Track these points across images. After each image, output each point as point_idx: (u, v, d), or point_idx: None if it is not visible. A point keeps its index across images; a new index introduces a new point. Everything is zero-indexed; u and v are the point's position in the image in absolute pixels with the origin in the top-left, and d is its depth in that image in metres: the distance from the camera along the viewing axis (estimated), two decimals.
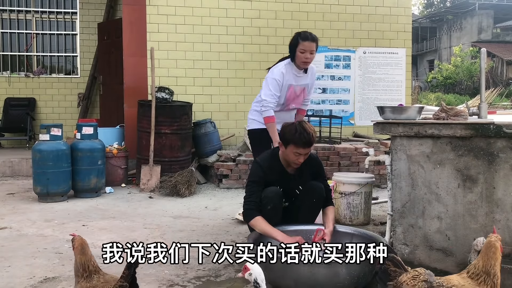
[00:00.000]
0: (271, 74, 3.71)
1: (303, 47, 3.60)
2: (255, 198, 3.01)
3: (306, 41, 3.60)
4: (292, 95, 3.79)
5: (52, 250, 3.46)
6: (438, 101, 20.17)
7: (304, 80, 3.82)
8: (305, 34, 3.66)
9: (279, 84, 3.67)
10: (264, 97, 3.66)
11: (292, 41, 3.66)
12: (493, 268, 1.99)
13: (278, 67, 3.73)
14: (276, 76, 3.66)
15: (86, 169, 5.40)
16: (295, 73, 3.74)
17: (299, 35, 3.65)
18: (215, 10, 7.03)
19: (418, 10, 44.97)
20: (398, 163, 2.97)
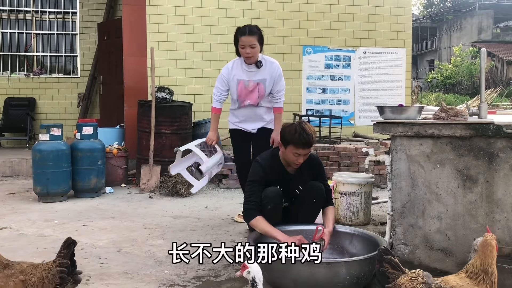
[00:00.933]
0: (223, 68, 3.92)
1: (242, 43, 3.65)
2: (256, 198, 3.01)
3: (243, 36, 3.65)
4: (243, 91, 3.82)
5: (52, 250, 3.45)
6: (438, 101, 20.17)
7: (259, 75, 3.80)
8: (243, 29, 3.68)
9: (224, 79, 3.82)
10: (214, 89, 3.95)
11: (234, 37, 3.76)
12: (491, 266, 1.99)
13: (227, 63, 3.90)
14: (222, 71, 3.87)
15: (86, 169, 5.39)
16: (245, 68, 3.79)
17: (238, 30, 3.71)
18: (215, 10, 7.03)
19: (418, 10, 44.98)
20: (398, 163, 2.97)
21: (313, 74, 7.44)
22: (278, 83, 3.89)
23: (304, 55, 7.38)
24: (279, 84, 3.90)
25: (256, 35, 3.64)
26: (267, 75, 3.80)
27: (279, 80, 3.88)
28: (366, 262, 2.58)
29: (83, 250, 3.45)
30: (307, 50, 7.38)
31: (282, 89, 3.94)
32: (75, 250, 2.17)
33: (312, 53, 7.40)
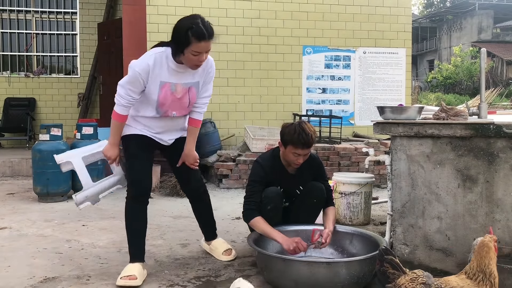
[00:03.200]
0: (134, 62, 2.70)
1: (199, 49, 2.61)
2: (256, 198, 3.01)
3: (204, 41, 2.61)
4: (168, 98, 2.76)
5: (52, 250, 3.46)
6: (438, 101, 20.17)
7: (191, 77, 2.81)
8: (201, 31, 2.58)
9: (140, 79, 2.68)
10: (119, 89, 2.74)
11: (182, 36, 2.60)
12: (488, 267, 1.99)
13: (146, 54, 2.73)
14: (137, 66, 2.67)
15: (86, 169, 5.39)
16: (172, 67, 2.73)
17: (191, 30, 2.57)
18: (215, 10, 7.03)
19: (418, 10, 45.01)
20: (398, 163, 2.97)
21: (313, 74, 7.44)
22: (208, 86, 2.96)
23: (304, 55, 7.38)
24: (209, 87, 2.97)
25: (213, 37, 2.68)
26: (200, 76, 2.85)
27: (209, 82, 2.95)
28: (366, 262, 2.59)
29: (83, 250, 3.45)
30: (307, 50, 7.38)
31: (209, 95, 3.00)
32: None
33: (312, 53, 7.40)
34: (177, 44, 2.65)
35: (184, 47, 2.62)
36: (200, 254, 3.34)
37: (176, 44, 2.66)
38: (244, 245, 3.56)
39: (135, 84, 2.69)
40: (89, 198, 3.04)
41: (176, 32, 2.65)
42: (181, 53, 2.66)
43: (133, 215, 2.90)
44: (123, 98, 2.73)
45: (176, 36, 2.65)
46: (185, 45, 2.61)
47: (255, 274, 2.95)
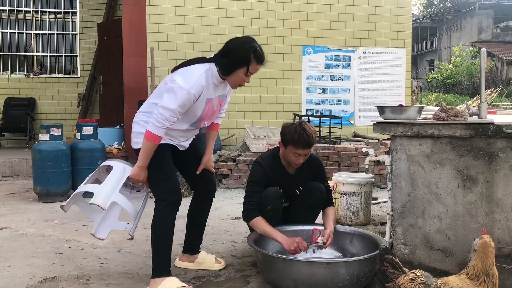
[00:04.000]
0: (185, 82, 2.57)
1: (254, 70, 2.72)
2: (256, 198, 3.00)
3: (260, 65, 2.73)
4: (209, 111, 2.81)
5: (52, 250, 3.46)
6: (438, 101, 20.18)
7: (224, 89, 2.87)
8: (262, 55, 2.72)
9: (193, 101, 2.62)
10: (165, 112, 2.55)
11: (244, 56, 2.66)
12: (491, 268, 1.99)
13: (194, 74, 2.63)
14: (193, 90, 2.57)
15: (86, 169, 5.37)
16: (216, 84, 2.74)
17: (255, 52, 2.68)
18: (215, 10, 7.03)
19: (418, 10, 45.01)
20: (398, 163, 2.97)
21: (313, 74, 7.44)
22: (229, 95, 3.02)
23: (304, 55, 7.38)
24: (229, 96, 3.04)
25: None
26: (228, 88, 2.91)
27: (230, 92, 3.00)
28: (366, 262, 2.59)
29: (83, 250, 3.45)
30: (307, 50, 7.38)
31: (228, 102, 3.07)
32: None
33: (312, 53, 7.40)
34: (234, 63, 2.67)
35: (240, 67, 2.66)
36: None
37: (232, 62, 2.67)
38: (244, 245, 3.56)
39: (186, 106, 2.61)
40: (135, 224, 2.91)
41: (235, 52, 2.68)
42: (233, 72, 2.69)
43: (171, 224, 2.74)
44: (168, 121, 2.58)
45: (235, 55, 2.66)
46: (243, 64, 2.66)
47: (255, 274, 2.95)
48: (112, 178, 2.76)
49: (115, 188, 2.73)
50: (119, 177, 2.77)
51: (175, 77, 2.64)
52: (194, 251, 3.13)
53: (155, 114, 2.56)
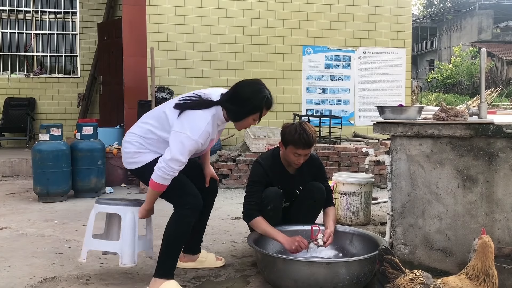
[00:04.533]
0: (192, 133, 2.55)
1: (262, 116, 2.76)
2: (256, 198, 3.01)
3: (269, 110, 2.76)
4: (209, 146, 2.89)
5: (52, 250, 3.46)
6: (438, 101, 20.18)
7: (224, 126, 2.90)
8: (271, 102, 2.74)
9: (199, 147, 2.65)
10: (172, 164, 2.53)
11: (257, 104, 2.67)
12: (491, 268, 1.99)
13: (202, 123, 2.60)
14: (200, 138, 2.58)
15: (86, 169, 5.40)
16: (218, 124, 2.77)
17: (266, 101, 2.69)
18: (215, 10, 7.03)
19: (418, 10, 45.02)
20: (398, 163, 2.97)
21: (313, 74, 7.44)
22: None
23: (304, 55, 7.38)
24: None
25: None
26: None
27: None
28: (366, 262, 2.59)
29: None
30: (307, 50, 7.38)
31: None
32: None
33: (312, 53, 7.40)
34: (246, 112, 2.69)
35: (251, 115, 2.69)
36: None
37: (244, 112, 2.69)
38: (244, 245, 3.56)
39: (193, 151, 2.62)
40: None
41: (247, 101, 2.68)
42: (242, 119, 2.72)
43: (188, 228, 2.69)
44: (177, 171, 2.58)
45: (247, 105, 2.68)
46: (254, 112, 2.68)
47: (255, 274, 2.95)
48: (126, 230, 2.74)
49: (135, 240, 2.75)
50: (132, 227, 2.76)
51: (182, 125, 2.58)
52: (196, 251, 3.13)
53: (164, 167, 2.53)
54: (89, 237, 2.80)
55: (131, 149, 2.73)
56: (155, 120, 2.73)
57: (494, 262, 2.02)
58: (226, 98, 2.73)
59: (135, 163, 2.72)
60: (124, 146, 2.77)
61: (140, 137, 2.73)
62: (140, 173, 2.75)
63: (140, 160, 2.69)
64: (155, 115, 2.76)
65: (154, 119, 2.74)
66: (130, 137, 2.76)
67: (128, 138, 2.76)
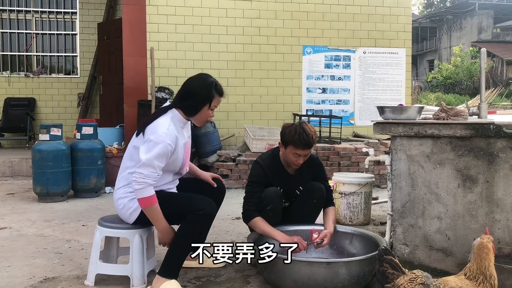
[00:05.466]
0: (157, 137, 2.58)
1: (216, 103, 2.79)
2: (255, 198, 3.01)
3: (222, 97, 2.80)
4: (187, 154, 2.87)
5: (52, 250, 3.46)
6: (438, 101, 20.17)
7: (188, 130, 2.92)
8: (221, 88, 2.80)
9: (170, 152, 2.63)
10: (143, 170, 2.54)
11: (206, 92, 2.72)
12: (488, 269, 1.98)
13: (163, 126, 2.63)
14: (168, 140, 2.59)
15: (86, 169, 5.40)
16: (182, 127, 2.80)
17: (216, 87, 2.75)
18: (215, 10, 7.03)
19: (418, 10, 45.01)
20: (398, 163, 2.97)
21: (313, 74, 7.44)
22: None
23: (304, 55, 7.38)
24: None
25: None
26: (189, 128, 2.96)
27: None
28: (366, 262, 2.59)
29: (83, 250, 3.45)
30: (307, 50, 7.38)
31: None
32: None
33: (312, 53, 7.40)
34: (198, 103, 2.73)
35: (205, 104, 2.73)
36: None
37: (197, 102, 2.73)
38: None
39: (164, 158, 2.61)
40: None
41: (197, 92, 2.73)
42: (198, 112, 2.74)
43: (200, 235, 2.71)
44: (149, 177, 2.55)
45: (198, 95, 2.72)
46: (207, 101, 2.73)
47: (255, 274, 2.95)
48: (135, 253, 2.74)
49: (144, 262, 2.77)
50: (140, 250, 2.76)
51: (146, 137, 2.63)
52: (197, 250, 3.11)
53: (134, 177, 2.54)
54: (96, 261, 2.80)
55: (124, 201, 2.74)
56: (130, 160, 2.76)
57: (493, 263, 2.01)
58: (176, 99, 2.81)
59: (134, 211, 2.71)
60: (117, 205, 2.78)
61: (126, 186, 2.74)
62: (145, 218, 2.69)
63: (136, 205, 2.67)
64: (128, 156, 2.79)
65: (129, 160, 2.77)
66: (118, 193, 2.78)
67: (117, 196, 2.77)
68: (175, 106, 2.76)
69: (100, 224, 2.83)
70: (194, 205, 2.66)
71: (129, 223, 2.77)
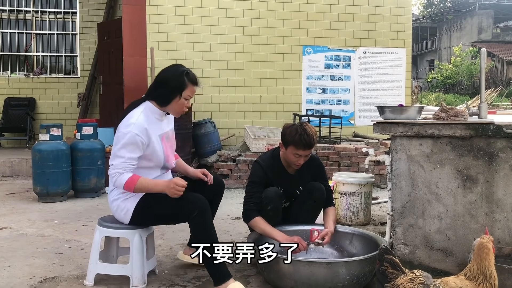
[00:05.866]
0: (125, 128, 2.62)
1: (191, 93, 2.74)
2: (255, 198, 3.01)
3: (196, 86, 2.75)
4: (168, 147, 2.83)
5: (52, 250, 3.46)
6: (438, 101, 20.17)
7: (167, 124, 2.87)
8: (194, 76, 2.75)
9: (141, 143, 2.62)
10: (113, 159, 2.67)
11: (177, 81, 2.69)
12: (488, 269, 1.98)
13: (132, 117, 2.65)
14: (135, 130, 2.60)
15: (86, 169, 5.40)
16: (158, 118, 2.75)
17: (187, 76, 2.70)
18: (215, 10, 7.03)
19: (418, 10, 45.01)
20: (398, 163, 2.97)
21: (313, 74, 7.44)
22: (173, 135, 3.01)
23: (304, 55, 7.38)
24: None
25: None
26: (170, 123, 2.92)
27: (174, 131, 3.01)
28: (366, 262, 2.59)
29: (83, 250, 3.45)
30: (307, 50, 7.38)
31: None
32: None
33: (312, 53, 7.40)
34: (170, 91, 2.69)
35: (177, 93, 2.69)
36: None
37: (168, 91, 2.70)
38: None
39: (134, 147, 2.61)
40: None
41: (168, 80, 2.71)
42: (172, 100, 2.71)
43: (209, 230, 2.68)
44: (119, 167, 2.62)
45: (169, 83, 2.70)
46: (179, 90, 2.69)
47: (255, 274, 2.95)
48: (135, 253, 2.74)
49: (144, 262, 2.76)
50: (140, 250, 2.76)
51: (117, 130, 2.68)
52: None
53: (109, 171, 2.62)
54: (96, 261, 2.80)
55: (117, 202, 2.73)
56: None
57: (493, 263, 2.01)
58: (149, 90, 2.80)
59: (127, 212, 2.70)
60: (112, 207, 2.79)
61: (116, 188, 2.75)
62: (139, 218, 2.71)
63: (129, 205, 2.69)
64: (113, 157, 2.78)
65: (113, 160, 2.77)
66: (111, 196, 2.79)
67: (111, 198, 2.79)
68: (148, 98, 2.75)
69: (100, 224, 2.83)
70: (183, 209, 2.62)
71: (126, 224, 2.77)
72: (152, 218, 2.76)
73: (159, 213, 2.68)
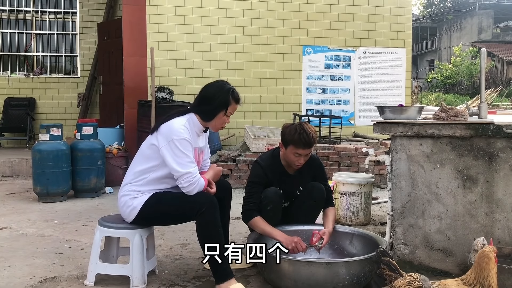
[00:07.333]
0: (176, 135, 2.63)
1: (232, 110, 2.82)
2: (255, 198, 3.01)
3: (238, 104, 2.84)
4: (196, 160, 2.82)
5: (52, 250, 3.46)
6: (438, 101, 20.17)
7: (202, 141, 2.92)
8: (238, 95, 2.84)
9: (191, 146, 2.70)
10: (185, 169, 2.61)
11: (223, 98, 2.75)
12: (487, 279, 1.97)
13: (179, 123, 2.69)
14: (186, 135, 2.66)
15: (86, 169, 5.40)
16: (197, 132, 2.81)
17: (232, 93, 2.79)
18: (215, 10, 7.03)
19: (418, 10, 45.01)
20: (398, 163, 2.97)
21: (313, 74, 7.44)
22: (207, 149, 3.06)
23: (304, 55, 7.38)
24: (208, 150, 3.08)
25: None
26: (206, 140, 3.00)
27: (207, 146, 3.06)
28: (366, 262, 2.58)
29: (83, 250, 3.45)
30: (307, 50, 7.38)
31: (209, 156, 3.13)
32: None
33: (312, 53, 7.40)
34: (215, 108, 2.75)
35: (221, 110, 2.76)
36: (200, 254, 3.33)
37: (214, 107, 2.75)
38: None
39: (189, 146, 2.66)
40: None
41: (214, 97, 2.76)
42: (215, 116, 2.77)
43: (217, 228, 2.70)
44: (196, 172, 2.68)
45: (215, 100, 2.75)
46: (223, 107, 2.76)
47: (255, 274, 2.95)
48: (135, 253, 2.74)
49: (144, 262, 2.77)
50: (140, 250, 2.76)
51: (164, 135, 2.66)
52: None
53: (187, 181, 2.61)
54: (96, 261, 2.80)
55: (126, 198, 2.74)
56: (143, 157, 2.77)
57: (493, 273, 1.99)
58: (194, 104, 2.84)
59: (133, 210, 2.71)
60: (119, 202, 2.78)
61: (131, 184, 2.76)
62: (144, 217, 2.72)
63: (137, 203, 2.70)
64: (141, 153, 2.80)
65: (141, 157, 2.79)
66: (122, 190, 2.78)
67: (121, 193, 2.78)
68: (192, 111, 2.80)
69: (100, 224, 2.83)
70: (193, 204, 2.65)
71: (128, 222, 2.77)
72: (158, 217, 2.76)
73: (165, 211, 2.70)
